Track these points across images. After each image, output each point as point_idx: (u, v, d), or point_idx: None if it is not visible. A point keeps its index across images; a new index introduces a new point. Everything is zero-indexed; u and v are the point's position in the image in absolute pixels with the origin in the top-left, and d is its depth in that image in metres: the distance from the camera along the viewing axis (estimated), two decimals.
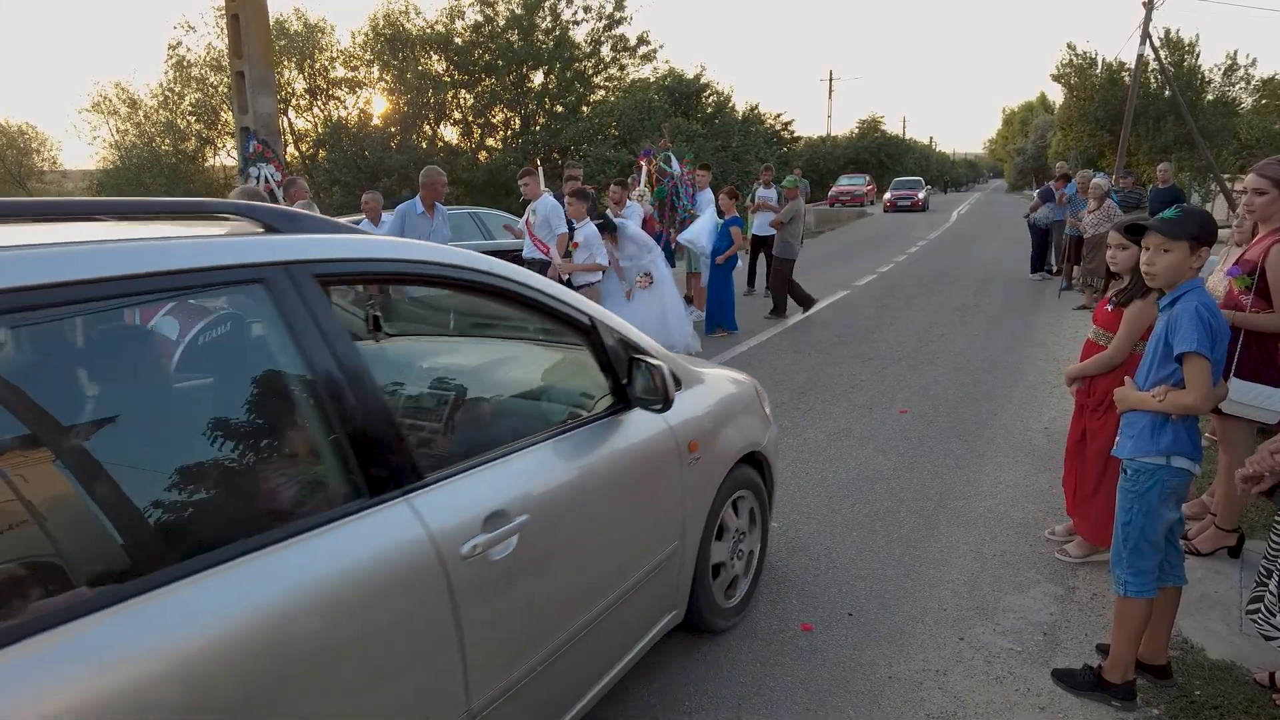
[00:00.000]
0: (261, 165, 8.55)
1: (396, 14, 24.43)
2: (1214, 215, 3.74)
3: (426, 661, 1.63)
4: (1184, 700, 2.56)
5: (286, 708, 1.36)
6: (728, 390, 2.96)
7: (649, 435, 2.38)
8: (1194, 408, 2.31)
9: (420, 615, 1.61)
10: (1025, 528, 3.84)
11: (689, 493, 2.58)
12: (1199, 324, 2.25)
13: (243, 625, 1.30)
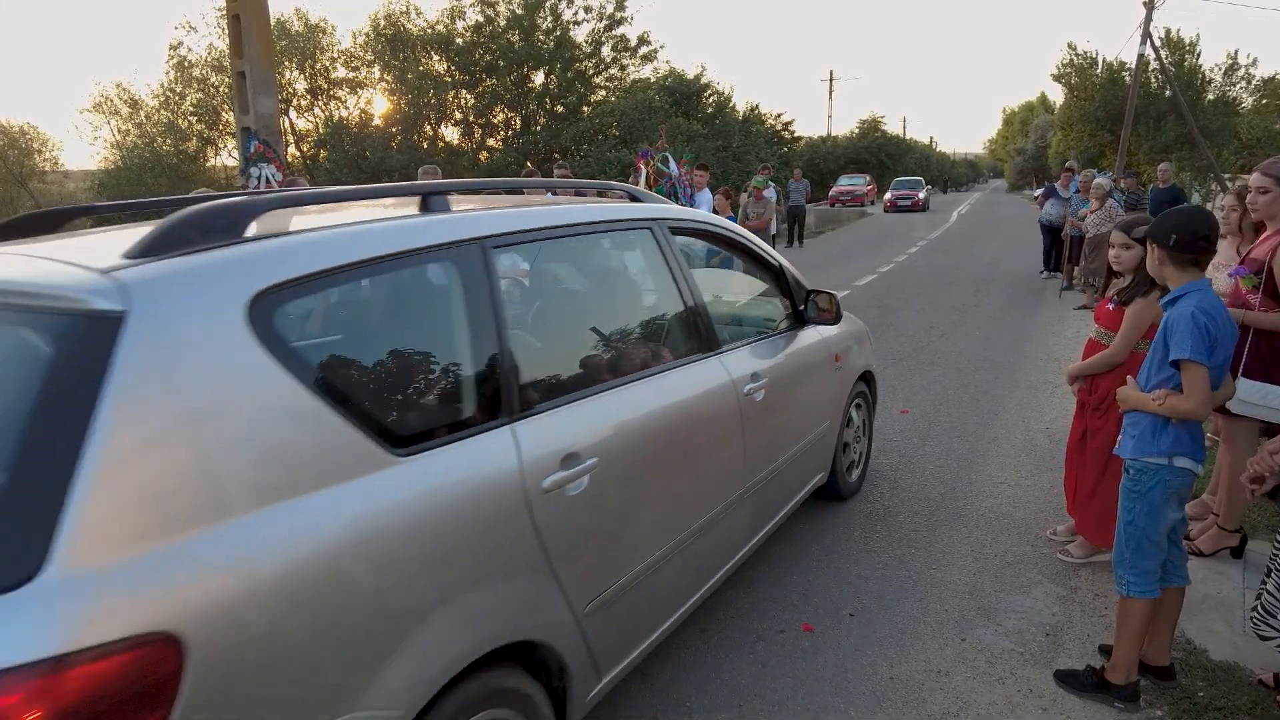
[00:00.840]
0: (263, 165, 8.55)
1: (397, 14, 24.47)
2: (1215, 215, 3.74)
3: (725, 458, 2.74)
4: (1187, 701, 2.55)
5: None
6: (855, 325, 4.07)
7: (815, 344, 3.52)
8: (1192, 414, 2.30)
9: (726, 430, 2.72)
10: (1027, 528, 3.83)
11: (835, 389, 3.75)
12: (1194, 329, 2.24)
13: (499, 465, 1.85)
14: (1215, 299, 2.35)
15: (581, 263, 2.72)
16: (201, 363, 1.38)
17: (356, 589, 1.50)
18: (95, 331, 1.29)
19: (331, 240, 1.68)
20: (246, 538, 1.35)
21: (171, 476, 1.30)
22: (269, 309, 1.49)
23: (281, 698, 1.38)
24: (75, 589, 1.15)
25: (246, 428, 1.41)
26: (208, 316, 1.41)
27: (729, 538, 2.85)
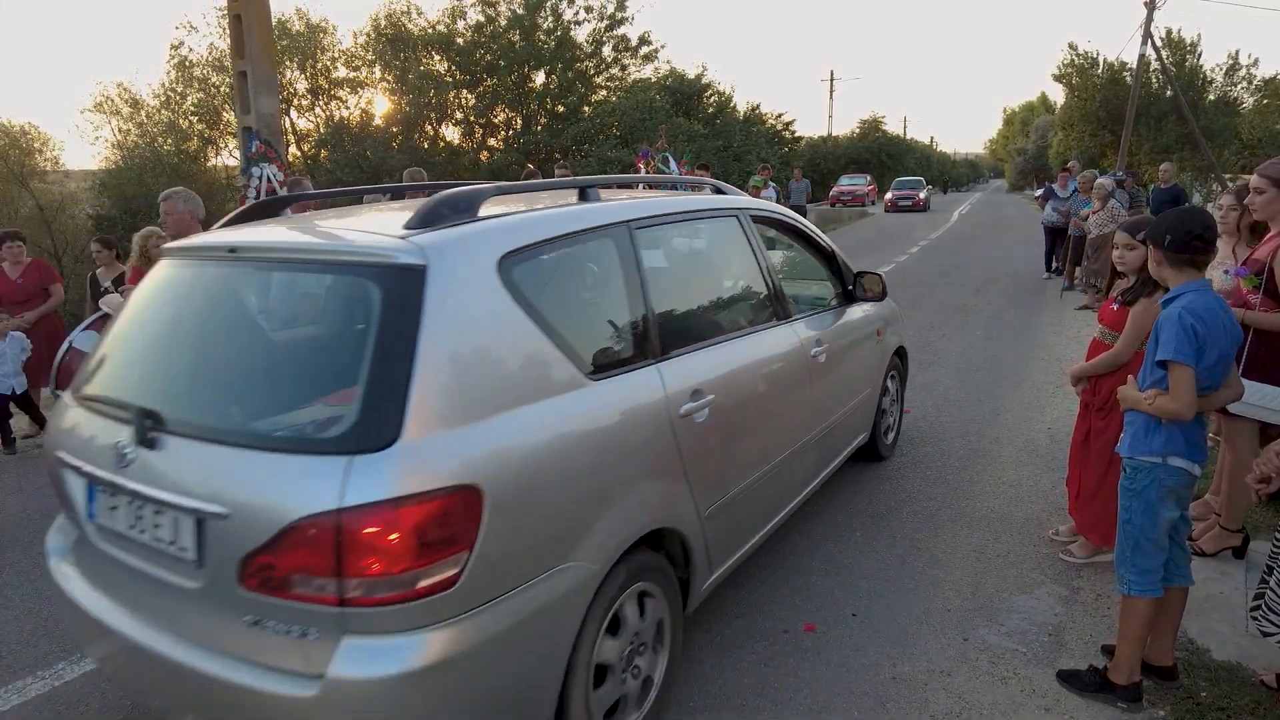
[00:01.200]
0: (264, 165, 8.55)
1: (398, 14, 24.48)
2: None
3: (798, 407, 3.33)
4: (1190, 702, 2.55)
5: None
6: (891, 306, 4.57)
7: (861, 319, 4.08)
8: (1177, 414, 2.31)
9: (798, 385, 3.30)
10: (1029, 528, 3.83)
11: (876, 360, 4.30)
12: (1179, 330, 2.25)
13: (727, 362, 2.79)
14: (1210, 299, 2.34)
15: (691, 242, 3.28)
16: (474, 301, 1.94)
17: (576, 467, 2.07)
18: (409, 279, 1.85)
19: (545, 219, 2.29)
20: (515, 424, 1.92)
21: (465, 381, 1.86)
22: (510, 266, 2.06)
23: (534, 539, 1.94)
24: (419, 453, 1.71)
25: (508, 348, 2.00)
26: (474, 269, 1.98)
27: (798, 475, 3.44)
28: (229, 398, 2.08)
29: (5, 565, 3.81)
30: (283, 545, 1.68)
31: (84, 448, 2.12)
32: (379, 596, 1.68)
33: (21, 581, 3.65)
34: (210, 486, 1.80)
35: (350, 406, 1.76)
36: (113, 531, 2.05)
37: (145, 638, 1.94)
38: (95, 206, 24.40)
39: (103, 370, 2.29)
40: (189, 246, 2.40)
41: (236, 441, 1.85)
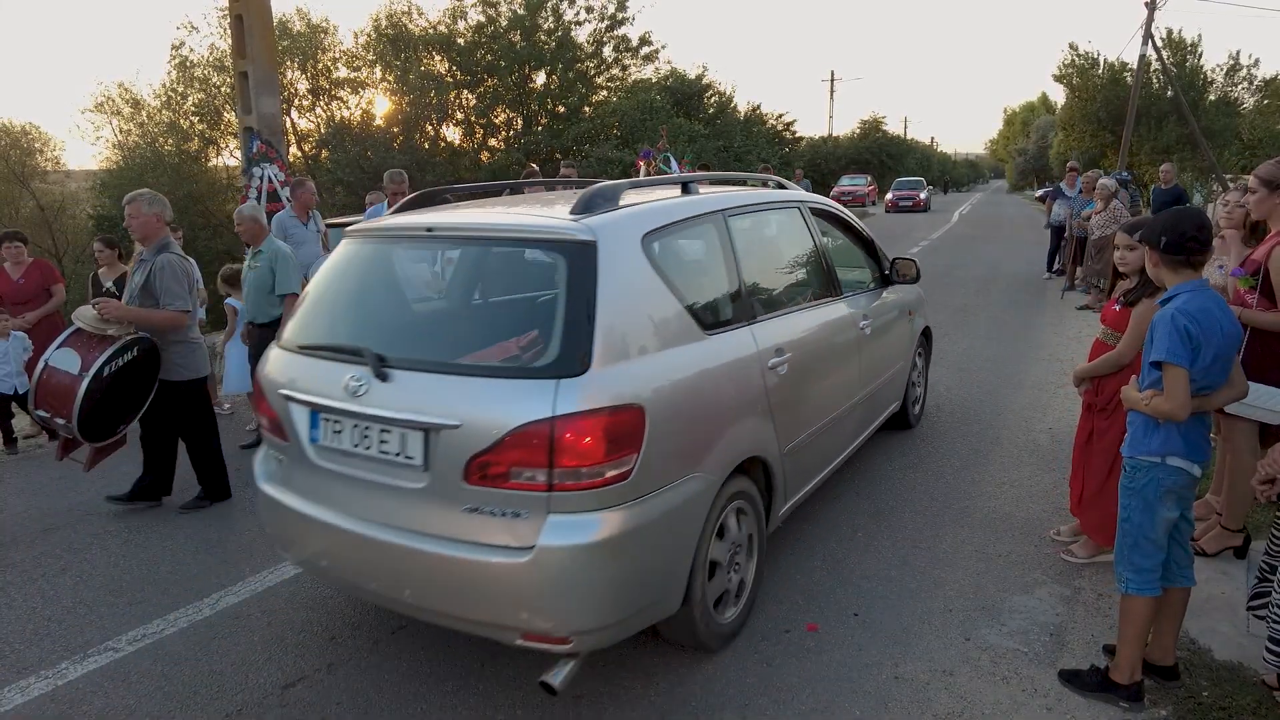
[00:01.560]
0: (265, 165, 8.54)
1: (399, 14, 24.46)
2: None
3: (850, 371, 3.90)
4: (1191, 701, 2.55)
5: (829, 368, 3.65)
6: (919, 291, 5.10)
7: (895, 300, 4.65)
8: (1171, 415, 2.31)
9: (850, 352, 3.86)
10: (1030, 528, 3.84)
11: (907, 337, 4.89)
12: (1171, 331, 2.26)
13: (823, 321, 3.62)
14: (1205, 299, 2.34)
15: (767, 227, 3.77)
16: (628, 268, 2.54)
17: (701, 401, 2.68)
18: (585, 251, 2.45)
19: (668, 206, 2.92)
20: (660, 364, 2.54)
21: (627, 327, 2.47)
22: (649, 242, 2.68)
23: (675, 451, 2.52)
24: (603, 379, 2.31)
25: (648, 305, 2.59)
26: (626, 244, 2.58)
27: (847, 431, 3.99)
28: (449, 341, 2.85)
29: (8, 565, 3.82)
30: (505, 446, 2.27)
31: (310, 384, 2.66)
32: (577, 484, 2.27)
33: (24, 581, 3.65)
34: (440, 407, 2.37)
35: (554, 343, 2.36)
36: (336, 450, 2.60)
37: (368, 530, 2.51)
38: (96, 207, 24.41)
39: (314, 326, 2.91)
40: (383, 227, 2.96)
41: (463, 371, 2.47)
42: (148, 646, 3.08)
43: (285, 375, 2.77)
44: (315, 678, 2.84)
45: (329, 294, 2.99)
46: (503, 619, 2.37)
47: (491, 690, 2.74)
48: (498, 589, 2.34)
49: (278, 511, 2.81)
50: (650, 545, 2.44)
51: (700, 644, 2.82)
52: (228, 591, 3.48)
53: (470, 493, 2.34)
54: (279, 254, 5.12)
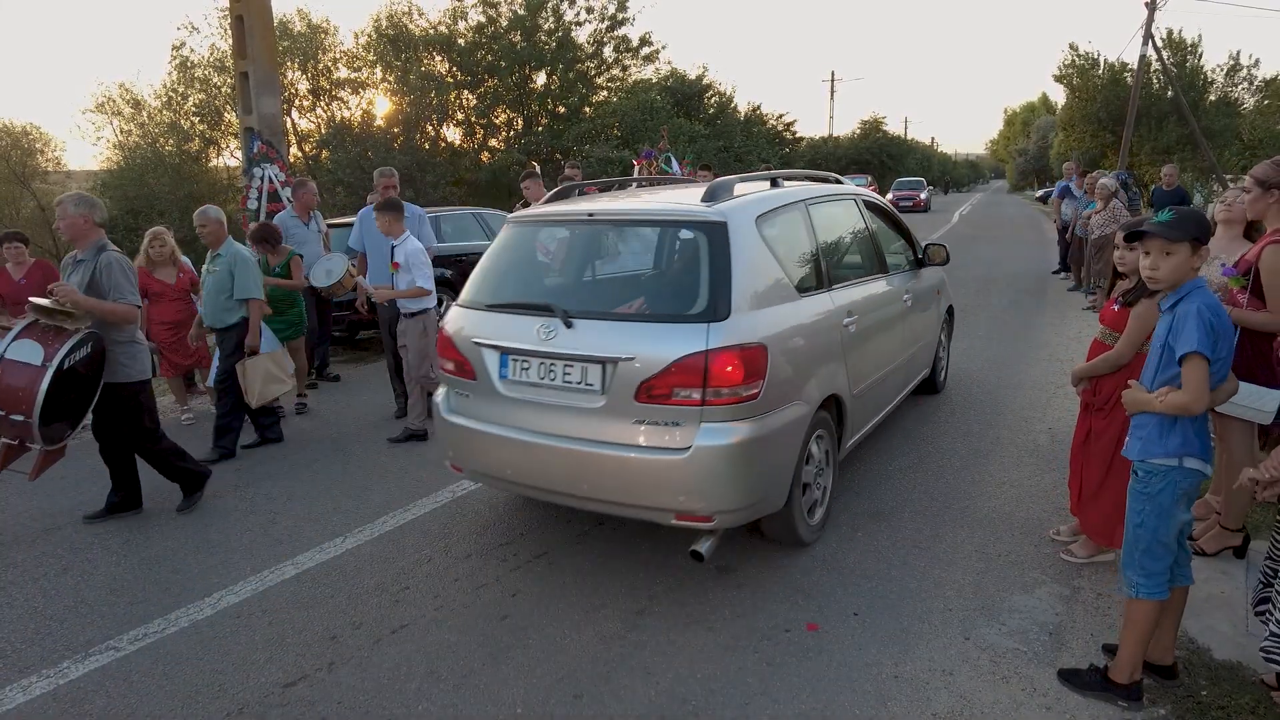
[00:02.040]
0: (265, 165, 8.56)
1: (399, 15, 24.46)
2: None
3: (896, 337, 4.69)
4: (1190, 700, 2.56)
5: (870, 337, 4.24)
6: (943, 275, 5.92)
7: (927, 280, 5.42)
8: (1188, 408, 2.30)
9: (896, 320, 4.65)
10: (1030, 528, 3.84)
11: (936, 313, 5.65)
12: (1201, 325, 2.26)
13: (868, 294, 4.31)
14: (1213, 296, 2.37)
15: (835, 214, 4.42)
16: (748, 242, 3.31)
17: (800, 346, 3.43)
18: (719, 229, 3.23)
19: (770, 196, 3.73)
20: (774, 315, 3.29)
21: (751, 287, 3.22)
22: (760, 223, 3.46)
23: (786, 381, 3.28)
24: (738, 324, 3.07)
25: (763, 271, 3.36)
26: (746, 224, 3.36)
27: (892, 387, 4.75)
28: (619, 297, 3.66)
29: (10, 564, 3.82)
30: (669, 373, 3.05)
31: (501, 333, 3.45)
32: (722, 401, 3.04)
33: (26, 580, 3.66)
34: (617, 346, 3.16)
35: (703, 296, 3.17)
36: (523, 383, 3.39)
37: (552, 441, 3.28)
38: None
39: (498, 289, 3.71)
40: (545, 214, 3.84)
41: (632, 319, 3.29)
42: (149, 646, 3.09)
43: (475, 327, 3.56)
44: (316, 677, 2.84)
45: (504, 265, 3.83)
46: (662, 503, 3.14)
47: (493, 688, 2.75)
48: (660, 480, 3.10)
49: (465, 435, 3.58)
50: (769, 450, 3.21)
51: (796, 540, 3.62)
52: (229, 591, 3.48)
53: (639, 409, 3.13)
54: (239, 258, 5.06)
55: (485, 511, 4.24)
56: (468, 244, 9.47)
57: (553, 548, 3.78)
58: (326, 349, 7.61)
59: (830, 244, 4.16)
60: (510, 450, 3.41)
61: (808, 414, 3.42)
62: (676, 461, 3.04)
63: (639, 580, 3.45)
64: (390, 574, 3.58)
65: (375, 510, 4.30)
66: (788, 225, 3.80)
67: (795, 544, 3.65)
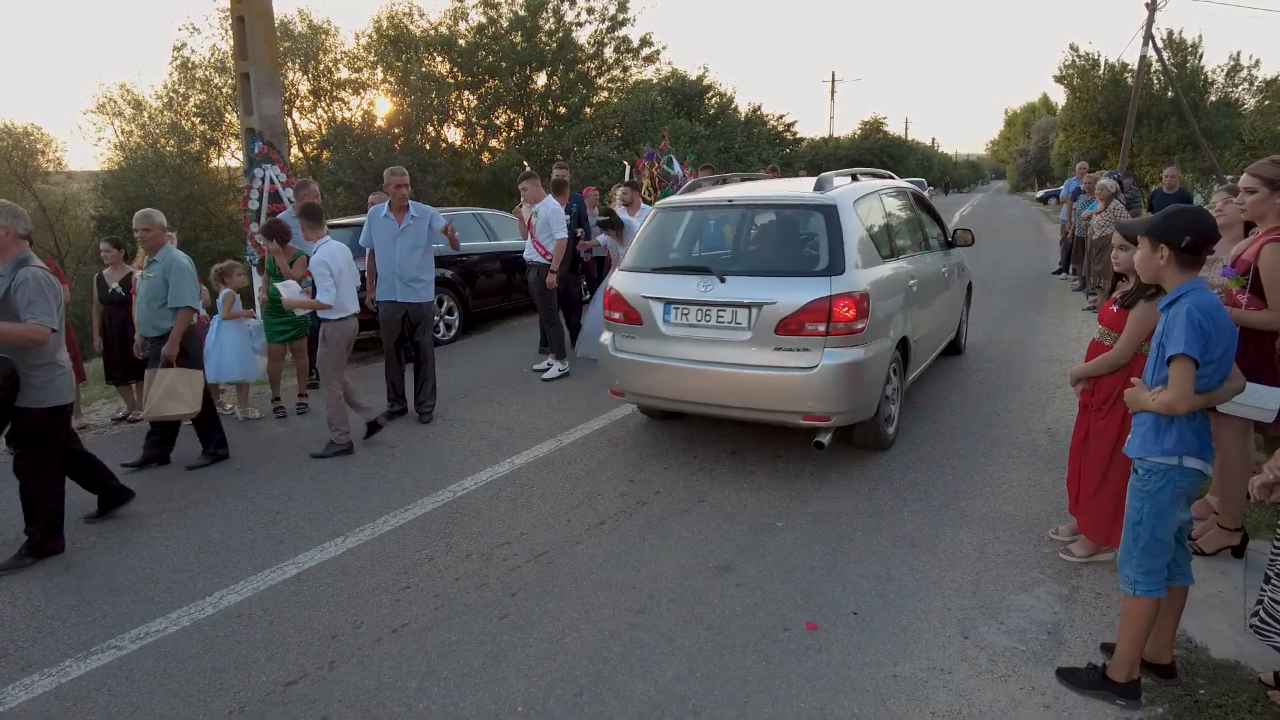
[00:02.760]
0: (266, 166, 8.57)
1: (400, 15, 24.49)
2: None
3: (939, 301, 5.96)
4: (1188, 699, 2.56)
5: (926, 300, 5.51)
6: (962, 255, 6.94)
7: (955, 258, 6.59)
8: (1172, 407, 2.32)
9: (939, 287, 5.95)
10: (1029, 527, 3.85)
11: (961, 286, 6.88)
12: (1189, 326, 2.27)
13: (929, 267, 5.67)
14: (1210, 296, 2.36)
15: (897, 202, 5.66)
16: (851, 220, 4.52)
17: (886, 299, 4.58)
18: (833, 211, 4.50)
19: (860, 187, 5.00)
20: (870, 274, 4.48)
21: (857, 252, 4.43)
22: (856, 206, 4.66)
23: (879, 321, 4.46)
24: (851, 278, 4.32)
25: (862, 241, 4.54)
26: (849, 207, 4.57)
27: (934, 341, 5.99)
28: (761, 261, 4.89)
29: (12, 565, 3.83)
30: (802, 312, 4.22)
31: (666, 289, 4.66)
32: (839, 332, 4.21)
33: (28, 579, 3.67)
34: (761, 295, 4.35)
35: (824, 258, 4.39)
36: (683, 325, 4.58)
37: (708, 366, 4.45)
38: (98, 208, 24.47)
39: (660, 256, 4.96)
40: (693, 200, 5.10)
41: (772, 274, 4.46)
42: (150, 644, 3.10)
43: (642, 285, 4.78)
44: (317, 675, 2.85)
45: (661, 239, 5.08)
46: (794, 408, 4.32)
47: (493, 687, 2.76)
48: (793, 391, 4.29)
49: (630, 367, 4.79)
50: (868, 370, 4.37)
51: (879, 442, 4.82)
52: (230, 590, 3.49)
53: (778, 339, 4.32)
54: (174, 264, 4.87)
55: (485, 511, 4.25)
56: (470, 245, 9.48)
57: (553, 548, 3.79)
58: None
59: (897, 225, 5.39)
60: (671, 375, 4.61)
61: (890, 348, 4.63)
62: (806, 377, 4.24)
63: (639, 580, 3.46)
64: (391, 573, 3.59)
65: (376, 510, 4.31)
66: (871, 209, 5.00)
67: (878, 447, 4.84)
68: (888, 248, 4.91)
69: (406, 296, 5.87)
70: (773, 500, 4.24)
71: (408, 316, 5.93)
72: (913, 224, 5.77)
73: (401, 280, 5.83)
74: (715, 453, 5.00)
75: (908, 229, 5.61)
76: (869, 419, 4.55)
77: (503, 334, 9.52)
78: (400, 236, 5.80)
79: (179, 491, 4.70)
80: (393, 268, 5.82)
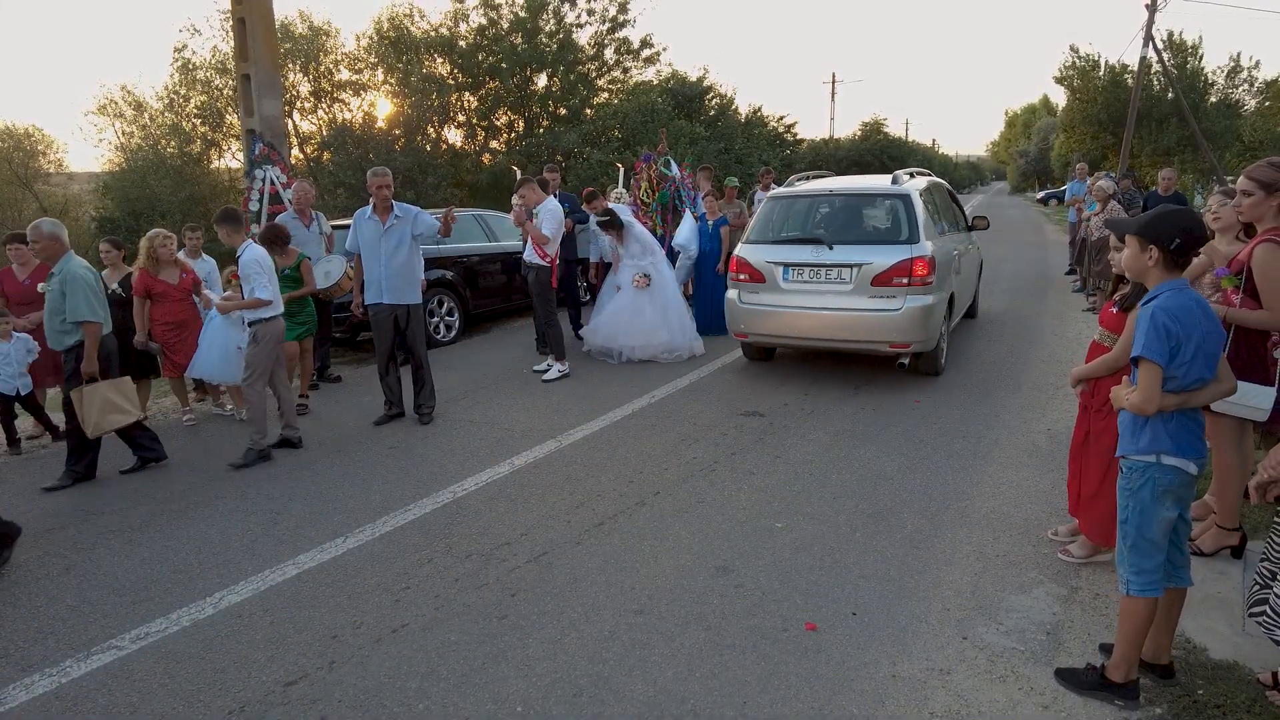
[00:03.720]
0: (267, 167, 8.58)
1: (400, 17, 24.50)
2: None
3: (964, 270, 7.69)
4: (1187, 699, 2.57)
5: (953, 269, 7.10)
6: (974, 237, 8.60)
7: (974, 239, 8.59)
8: (1139, 408, 2.35)
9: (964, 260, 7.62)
10: (1028, 528, 3.85)
11: (976, 260, 8.83)
12: (1150, 329, 2.30)
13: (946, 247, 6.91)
14: (1186, 298, 2.34)
15: (941, 192, 7.44)
16: (919, 205, 6.39)
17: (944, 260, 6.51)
18: (908, 198, 6.45)
19: (920, 181, 7.02)
20: (934, 244, 6.33)
21: (925, 228, 6.32)
22: (921, 194, 6.63)
23: (939, 278, 6.31)
24: (923, 246, 6.16)
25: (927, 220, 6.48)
26: (917, 196, 6.52)
27: (965, 301, 7.70)
28: (858, 234, 6.64)
29: (13, 563, 3.84)
30: (890, 270, 6.06)
31: (785, 255, 6.44)
32: (915, 284, 6.04)
33: (29, 579, 3.68)
34: (860, 257, 6.18)
35: (904, 231, 6.24)
36: (798, 281, 6.38)
37: (819, 310, 6.26)
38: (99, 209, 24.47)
39: (779, 230, 6.80)
40: (800, 191, 6.98)
41: (869, 243, 6.41)
42: (151, 645, 3.10)
43: (764, 253, 6.57)
44: (317, 675, 2.86)
45: (778, 219, 6.90)
46: (884, 339, 6.03)
47: (493, 687, 2.76)
48: (883, 326, 6.01)
49: (755, 314, 6.55)
50: (934, 312, 6.11)
51: (935, 370, 6.55)
52: (230, 590, 3.50)
53: (872, 289, 6.05)
54: (70, 277, 4.61)
55: (485, 512, 4.26)
56: (470, 245, 9.49)
57: (552, 548, 3.80)
58: (327, 350, 7.63)
59: (942, 209, 7.25)
60: (789, 319, 6.42)
61: (945, 299, 6.40)
62: (893, 316, 6.01)
63: (638, 580, 3.46)
64: (391, 574, 3.60)
65: (376, 510, 4.32)
66: (929, 196, 6.87)
67: (934, 372, 6.55)
68: (939, 226, 6.79)
69: (395, 298, 5.84)
70: (772, 501, 4.25)
71: (398, 319, 5.93)
72: (949, 210, 7.68)
73: (389, 282, 5.80)
74: (715, 454, 5.01)
75: (948, 213, 7.51)
76: (930, 350, 6.29)
77: (503, 335, 9.53)
78: (385, 237, 5.77)
79: (179, 492, 4.70)
80: (379, 269, 5.80)
